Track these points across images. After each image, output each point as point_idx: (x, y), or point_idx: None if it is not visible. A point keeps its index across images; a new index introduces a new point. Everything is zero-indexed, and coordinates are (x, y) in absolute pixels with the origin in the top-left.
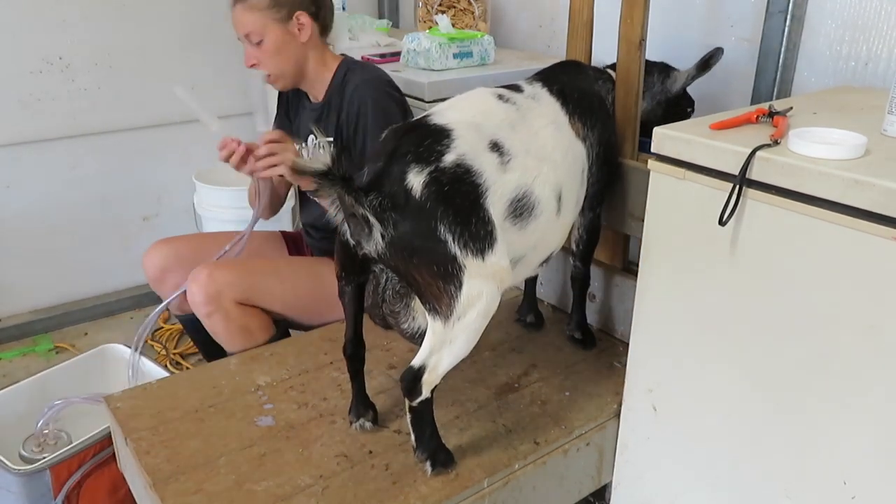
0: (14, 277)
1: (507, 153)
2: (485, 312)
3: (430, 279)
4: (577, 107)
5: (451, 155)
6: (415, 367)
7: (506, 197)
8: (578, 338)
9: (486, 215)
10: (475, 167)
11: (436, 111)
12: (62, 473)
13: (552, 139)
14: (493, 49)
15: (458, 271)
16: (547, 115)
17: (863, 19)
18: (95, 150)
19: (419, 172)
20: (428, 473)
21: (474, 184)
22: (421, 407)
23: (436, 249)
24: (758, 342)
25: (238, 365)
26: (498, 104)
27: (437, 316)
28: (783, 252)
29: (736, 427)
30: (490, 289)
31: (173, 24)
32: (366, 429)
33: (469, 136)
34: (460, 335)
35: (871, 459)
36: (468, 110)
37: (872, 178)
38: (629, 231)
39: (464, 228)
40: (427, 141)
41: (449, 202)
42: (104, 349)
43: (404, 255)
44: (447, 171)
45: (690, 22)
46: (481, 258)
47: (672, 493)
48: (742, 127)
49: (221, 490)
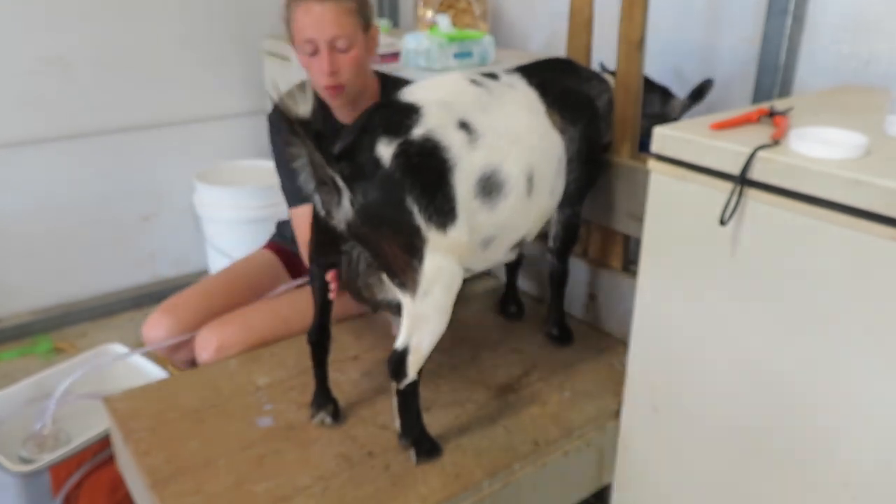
0: (14, 277)
1: (476, 132)
2: (448, 286)
3: (397, 250)
4: (558, 100)
5: (420, 129)
6: (399, 350)
7: (474, 175)
8: (556, 334)
9: (451, 191)
10: (443, 142)
11: (406, 91)
12: (62, 474)
13: (525, 123)
14: (494, 49)
15: (422, 244)
16: (520, 102)
17: (864, 19)
18: (95, 150)
19: (388, 144)
20: (413, 461)
21: (441, 158)
22: (407, 390)
23: (402, 220)
24: (758, 342)
25: (238, 365)
26: (469, 87)
27: (405, 291)
28: (784, 252)
29: (736, 427)
30: (450, 262)
31: (173, 24)
32: (326, 424)
33: (438, 112)
34: (432, 313)
35: (872, 461)
36: (439, 90)
37: (874, 178)
38: (629, 231)
39: (429, 201)
40: (397, 116)
41: (416, 174)
42: (104, 349)
43: (372, 224)
44: (415, 144)
45: (691, 22)
46: (443, 231)
47: (672, 493)
48: (743, 127)
49: (221, 491)
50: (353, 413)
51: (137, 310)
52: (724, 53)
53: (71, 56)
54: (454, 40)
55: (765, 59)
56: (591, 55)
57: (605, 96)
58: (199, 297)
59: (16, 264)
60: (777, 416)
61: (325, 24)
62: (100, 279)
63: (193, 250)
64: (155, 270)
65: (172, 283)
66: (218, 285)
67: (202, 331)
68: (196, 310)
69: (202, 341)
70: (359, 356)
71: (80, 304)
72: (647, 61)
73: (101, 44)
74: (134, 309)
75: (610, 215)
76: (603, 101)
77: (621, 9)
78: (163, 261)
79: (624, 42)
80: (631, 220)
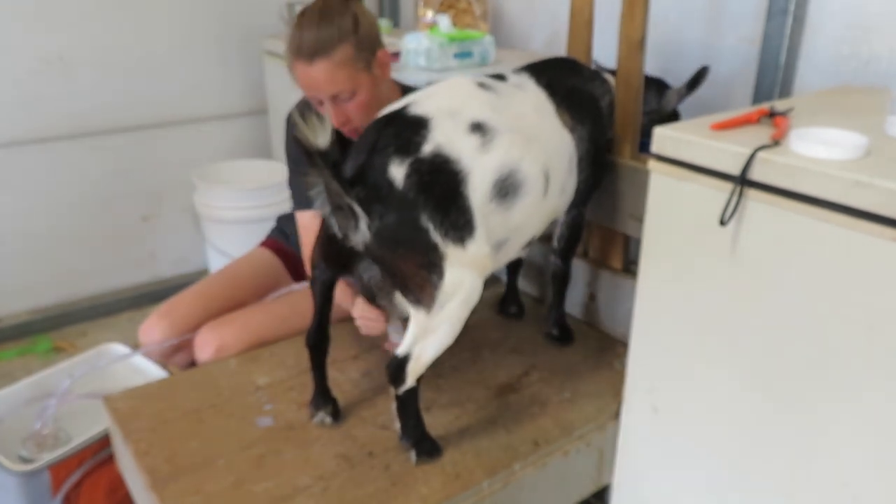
0: (14, 277)
1: (490, 131)
2: (466, 301)
3: (415, 269)
4: (566, 99)
5: (429, 145)
6: (399, 357)
7: (489, 178)
8: (556, 335)
9: (465, 203)
10: (453, 155)
11: (414, 100)
12: (61, 473)
13: (538, 121)
14: (494, 49)
15: (440, 260)
16: (531, 101)
17: (864, 19)
18: (95, 150)
19: (400, 164)
20: (413, 461)
21: (452, 172)
22: (406, 396)
23: (418, 239)
24: (758, 343)
25: (238, 365)
26: (477, 90)
27: (419, 306)
28: (784, 253)
29: (736, 427)
30: (471, 277)
31: (174, 24)
32: (326, 423)
33: (446, 124)
34: (443, 324)
35: (872, 461)
36: (446, 98)
37: (874, 178)
38: (629, 231)
39: (443, 217)
40: (405, 132)
41: (429, 192)
42: (103, 349)
43: (390, 246)
44: (426, 162)
45: (691, 22)
46: (461, 246)
47: (672, 493)
48: (743, 127)
49: (220, 491)
50: (353, 413)
51: (137, 310)
52: (724, 53)
53: (71, 56)
54: (454, 40)
55: (765, 59)
56: (592, 55)
57: (608, 97)
58: (196, 300)
59: (16, 264)
60: (777, 416)
61: (321, 84)
62: (100, 279)
63: (193, 250)
64: (155, 270)
65: (172, 283)
66: (216, 286)
67: (201, 331)
68: (192, 312)
69: (201, 342)
70: (359, 356)
71: (79, 303)
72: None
73: (101, 43)
74: (134, 309)
75: (610, 215)
76: (606, 102)
77: (622, 8)
78: (163, 261)
79: (625, 42)
80: (631, 221)
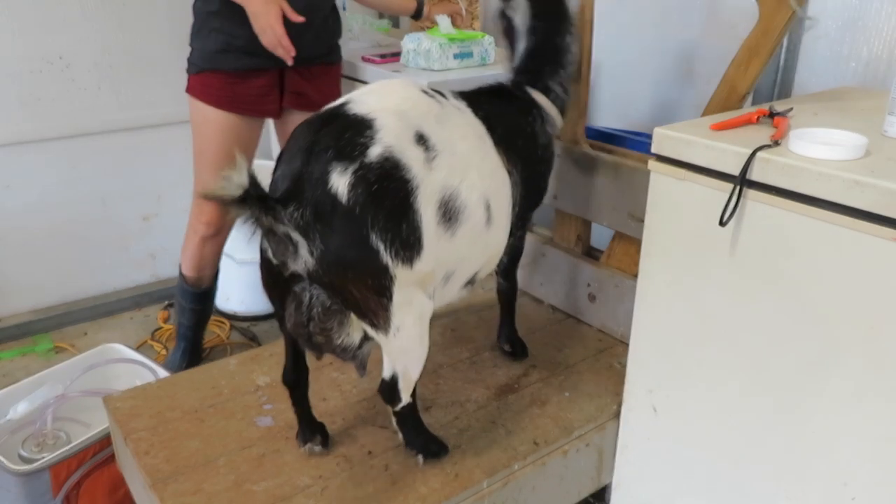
0: (14, 277)
1: (433, 148)
2: (419, 317)
3: (367, 292)
4: (503, 140)
5: (377, 147)
6: (387, 379)
7: (434, 197)
8: (508, 350)
9: (417, 218)
10: (403, 161)
11: (353, 98)
12: (61, 473)
13: (479, 150)
14: (494, 49)
15: (390, 283)
16: (472, 127)
17: (863, 20)
18: (95, 150)
19: (343, 172)
20: (420, 464)
21: (403, 180)
22: (405, 411)
23: (367, 260)
24: (758, 343)
25: (238, 365)
26: (422, 96)
27: (377, 330)
28: (783, 253)
29: (736, 427)
30: (418, 294)
31: (174, 24)
32: (315, 452)
33: (394, 124)
34: (409, 343)
35: (871, 460)
36: (391, 97)
37: (873, 178)
38: (629, 231)
39: (395, 235)
40: (347, 133)
41: (379, 205)
42: (104, 349)
43: (338, 271)
44: (374, 168)
45: (691, 22)
46: (409, 266)
47: (672, 493)
48: (742, 128)
49: (220, 490)
50: (353, 413)
51: (137, 310)
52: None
53: (71, 56)
54: (454, 40)
55: None
56: (592, 55)
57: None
58: None
59: (16, 264)
60: (776, 416)
61: None
62: (100, 279)
63: None
64: (155, 270)
65: (172, 282)
66: None
67: None
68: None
69: None
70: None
71: (80, 303)
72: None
73: (101, 44)
74: (134, 309)
75: (610, 215)
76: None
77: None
78: (163, 261)
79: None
80: (631, 221)
